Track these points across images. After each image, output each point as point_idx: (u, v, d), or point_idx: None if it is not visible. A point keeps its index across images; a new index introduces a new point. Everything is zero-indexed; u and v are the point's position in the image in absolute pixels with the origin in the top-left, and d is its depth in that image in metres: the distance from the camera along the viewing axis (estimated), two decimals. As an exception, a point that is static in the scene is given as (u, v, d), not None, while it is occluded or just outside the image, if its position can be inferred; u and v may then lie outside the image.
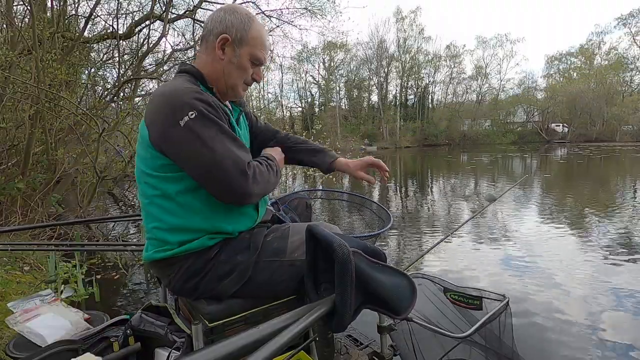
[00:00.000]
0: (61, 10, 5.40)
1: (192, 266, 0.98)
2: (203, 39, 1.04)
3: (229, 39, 0.99)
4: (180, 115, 0.87)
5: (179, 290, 1.02)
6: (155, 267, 1.04)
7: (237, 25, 0.99)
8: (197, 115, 0.87)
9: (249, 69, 1.04)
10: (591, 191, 8.08)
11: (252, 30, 1.00)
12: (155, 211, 0.97)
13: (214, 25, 1.00)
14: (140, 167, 0.98)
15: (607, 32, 47.83)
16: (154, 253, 1.00)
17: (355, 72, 36.44)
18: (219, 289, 0.99)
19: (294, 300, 1.10)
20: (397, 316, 0.72)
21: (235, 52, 1.01)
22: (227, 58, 1.01)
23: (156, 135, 0.91)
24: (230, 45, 1.00)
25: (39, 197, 4.31)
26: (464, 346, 1.55)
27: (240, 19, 1.00)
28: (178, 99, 0.89)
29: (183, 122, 0.86)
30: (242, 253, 0.99)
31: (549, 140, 34.23)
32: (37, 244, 3.01)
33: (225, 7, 1.03)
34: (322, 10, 8.77)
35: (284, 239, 1.03)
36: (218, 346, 0.45)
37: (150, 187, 0.97)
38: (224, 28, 0.99)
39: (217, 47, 0.99)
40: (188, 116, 0.86)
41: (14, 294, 2.39)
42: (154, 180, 0.95)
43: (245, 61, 1.02)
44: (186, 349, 1.01)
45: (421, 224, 5.54)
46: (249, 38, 1.00)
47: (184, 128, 0.86)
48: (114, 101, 5.98)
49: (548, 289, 2.97)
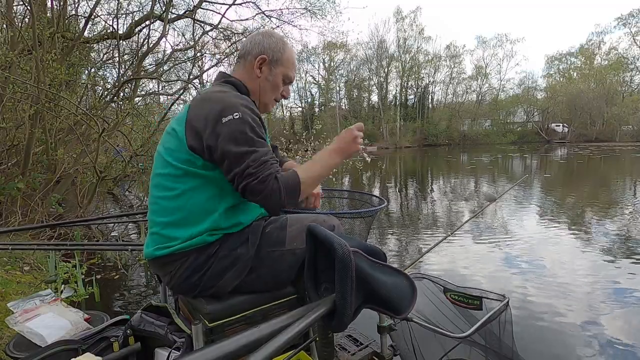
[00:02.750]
0: (61, 10, 5.40)
1: (193, 263, 0.99)
2: (241, 58, 1.16)
3: (267, 59, 1.12)
4: (226, 114, 0.95)
5: (179, 287, 1.03)
6: (156, 264, 1.05)
7: (273, 48, 1.13)
8: (240, 116, 0.95)
9: (280, 87, 1.17)
10: (591, 191, 8.08)
11: (285, 53, 1.15)
12: (165, 205, 1.00)
13: (253, 46, 1.13)
14: (161, 159, 1.02)
15: (607, 32, 47.97)
16: (154, 250, 1.01)
17: (355, 72, 36.45)
18: (220, 284, 1.00)
19: (294, 300, 1.10)
20: (398, 316, 0.72)
21: (271, 72, 1.14)
22: (263, 76, 1.14)
23: (195, 131, 0.96)
24: (267, 65, 1.13)
25: (39, 197, 4.31)
26: (464, 346, 1.55)
27: (276, 43, 1.14)
28: (227, 101, 0.98)
29: (226, 119, 0.95)
30: (242, 247, 1.01)
31: (549, 140, 34.23)
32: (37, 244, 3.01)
33: (262, 32, 1.17)
34: (322, 10, 8.78)
35: (282, 229, 1.05)
36: (218, 346, 0.45)
37: (167, 179, 1.00)
38: (262, 50, 1.12)
39: (256, 66, 1.12)
40: (232, 116, 0.95)
41: (14, 294, 2.39)
42: (173, 172, 0.99)
43: (279, 80, 1.16)
44: (186, 349, 1.01)
45: (421, 224, 5.54)
46: (284, 59, 1.14)
47: (225, 125, 0.94)
48: (114, 101, 5.98)
49: (548, 288, 2.97)
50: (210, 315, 0.97)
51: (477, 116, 36.78)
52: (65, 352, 1.08)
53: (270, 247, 1.03)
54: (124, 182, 7.03)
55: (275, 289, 1.07)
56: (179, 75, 8.75)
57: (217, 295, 1.03)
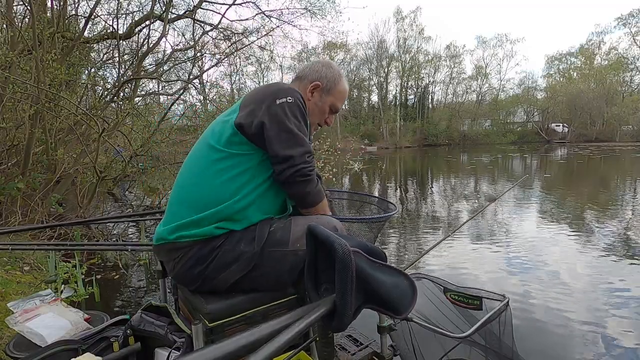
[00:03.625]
0: (61, 10, 5.40)
1: (197, 253, 1.01)
2: (297, 79, 1.27)
3: (320, 86, 1.23)
4: (280, 97, 1.05)
5: (181, 277, 1.05)
6: (163, 249, 1.07)
7: (329, 78, 1.23)
8: (292, 101, 1.05)
9: (326, 114, 1.27)
10: (591, 191, 8.08)
11: (339, 85, 1.25)
12: (194, 182, 1.05)
13: (311, 72, 1.24)
14: (204, 142, 1.09)
15: (607, 32, 48.00)
16: (165, 230, 1.04)
17: (355, 72, 36.40)
18: (222, 277, 1.01)
19: (294, 300, 1.10)
20: (398, 316, 0.71)
21: (321, 98, 1.24)
22: (313, 100, 1.23)
23: (250, 110, 1.04)
24: (319, 91, 1.23)
25: (39, 197, 4.30)
26: (464, 346, 1.55)
27: (332, 74, 1.24)
28: (283, 86, 1.09)
29: (280, 101, 1.04)
30: (246, 243, 1.03)
31: (549, 140, 34.22)
32: (37, 244, 3.01)
33: (323, 62, 1.28)
34: (322, 10, 8.76)
35: (286, 229, 1.06)
36: (218, 346, 0.45)
37: (205, 162, 1.06)
38: (319, 77, 1.23)
39: (309, 90, 1.23)
40: (285, 99, 1.04)
41: (14, 294, 2.38)
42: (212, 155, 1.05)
43: (326, 107, 1.25)
44: (186, 349, 1.01)
45: (421, 223, 5.54)
46: (335, 91, 1.25)
47: (278, 106, 1.03)
48: (114, 101, 5.97)
49: (548, 288, 2.97)
50: (210, 315, 0.97)
51: (477, 116, 36.77)
52: (65, 352, 1.08)
53: (274, 246, 1.03)
54: (124, 182, 7.02)
55: (276, 289, 1.08)
56: (179, 75, 8.74)
57: (218, 289, 1.04)
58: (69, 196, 5.48)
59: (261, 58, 12.87)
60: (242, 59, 9.72)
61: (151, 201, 6.45)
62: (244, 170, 1.04)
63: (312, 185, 1.07)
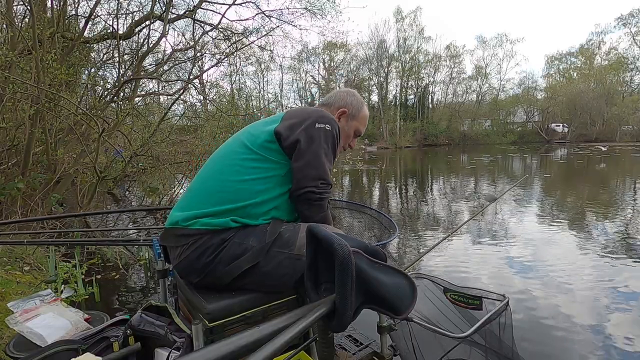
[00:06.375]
0: (61, 10, 5.39)
1: (206, 242, 1.03)
2: (324, 105, 1.38)
3: (347, 112, 1.35)
4: (320, 122, 1.14)
5: (185, 267, 1.06)
6: (173, 234, 1.08)
7: (354, 105, 1.36)
8: (330, 130, 1.15)
9: (351, 138, 1.40)
10: (591, 191, 8.08)
11: (362, 111, 1.39)
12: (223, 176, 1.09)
13: (338, 99, 1.37)
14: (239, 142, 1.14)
15: (607, 32, 47.72)
16: (181, 215, 1.07)
17: (356, 72, 36.41)
18: (226, 270, 1.02)
19: (293, 300, 1.10)
20: (398, 316, 0.71)
21: (347, 123, 1.36)
22: (340, 125, 1.30)
23: (291, 124, 1.12)
24: (345, 117, 1.35)
25: (39, 197, 4.30)
26: (464, 346, 1.55)
27: (357, 101, 1.37)
28: (325, 114, 1.19)
29: (319, 125, 1.13)
30: (255, 239, 1.04)
31: (549, 140, 34.22)
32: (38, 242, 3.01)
33: (347, 90, 1.41)
34: (322, 10, 8.74)
35: (294, 233, 1.07)
36: (218, 346, 0.45)
37: (238, 158, 1.10)
38: (345, 104, 1.36)
39: (337, 116, 1.33)
40: (324, 126, 1.14)
41: (14, 294, 2.38)
42: (245, 154, 1.10)
43: (352, 131, 1.38)
44: (186, 349, 1.00)
45: (421, 224, 5.54)
46: (360, 117, 1.38)
47: (317, 129, 1.12)
48: (114, 101, 5.97)
49: (548, 288, 2.97)
50: (210, 315, 0.97)
51: (477, 116, 36.77)
52: (65, 352, 1.08)
53: (280, 247, 1.04)
54: (124, 182, 7.02)
55: (276, 291, 1.08)
56: (179, 75, 8.72)
57: (220, 283, 1.04)
58: (69, 196, 5.48)
59: (261, 58, 12.86)
60: (242, 59, 9.73)
61: (151, 201, 6.45)
62: (271, 177, 1.10)
63: (316, 211, 1.12)
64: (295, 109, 1.22)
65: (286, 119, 1.15)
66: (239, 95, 17.15)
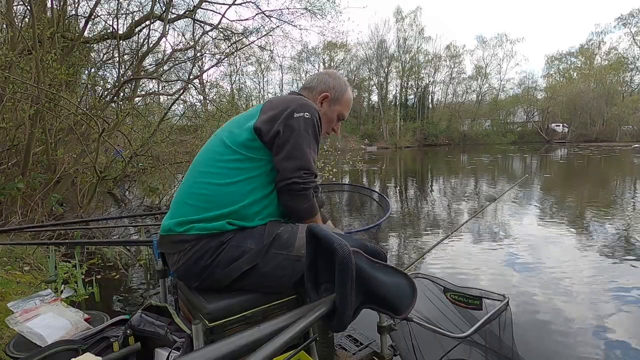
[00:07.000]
0: (61, 10, 5.39)
1: (204, 246, 1.02)
2: (305, 89, 1.33)
3: (329, 96, 1.29)
4: (299, 111, 1.10)
5: (184, 271, 1.05)
6: (169, 241, 1.07)
7: (336, 88, 1.30)
8: (309, 118, 1.10)
9: (334, 122, 1.34)
10: (591, 191, 8.08)
11: (345, 95, 1.32)
12: (210, 180, 1.07)
13: (319, 83, 1.30)
14: (220, 141, 1.12)
15: (607, 32, 47.82)
16: (174, 223, 1.05)
17: (355, 72, 36.40)
18: (225, 273, 1.02)
19: (293, 300, 1.10)
20: (398, 316, 0.72)
21: (330, 107, 1.30)
22: (323, 110, 1.28)
23: (270, 116, 1.08)
24: (328, 101, 1.30)
25: (39, 197, 4.30)
26: (464, 346, 1.55)
27: (339, 84, 1.31)
28: (305, 103, 1.14)
29: (298, 114, 1.09)
30: (253, 241, 1.04)
31: (549, 140, 34.21)
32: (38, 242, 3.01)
33: (328, 72, 1.34)
34: (322, 10, 8.73)
35: (293, 234, 1.07)
36: (218, 345, 0.45)
37: (221, 159, 1.08)
38: (327, 87, 1.30)
39: (318, 100, 1.28)
40: (303, 114, 1.09)
41: (14, 294, 2.38)
42: (228, 155, 1.08)
43: (335, 116, 1.32)
44: (186, 349, 1.00)
45: (421, 224, 5.53)
46: (343, 100, 1.32)
47: (296, 119, 1.08)
48: (114, 101, 5.96)
49: (548, 288, 2.97)
50: (210, 315, 0.97)
51: (477, 116, 36.77)
52: (65, 352, 1.08)
53: (278, 248, 1.04)
54: (124, 182, 7.02)
55: (276, 292, 1.08)
56: (179, 75, 8.72)
57: (219, 287, 1.04)
58: (69, 196, 5.47)
59: (261, 58, 12.87)
60: (242, 59, 9.72)
61: (151, 201, 6.45)
62: (258, 175, 1.07)
63: (301, 201, 1.09)
64: (273, 99, 1.18)
65: (264, 111, 1.11)
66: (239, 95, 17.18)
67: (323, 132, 1.29)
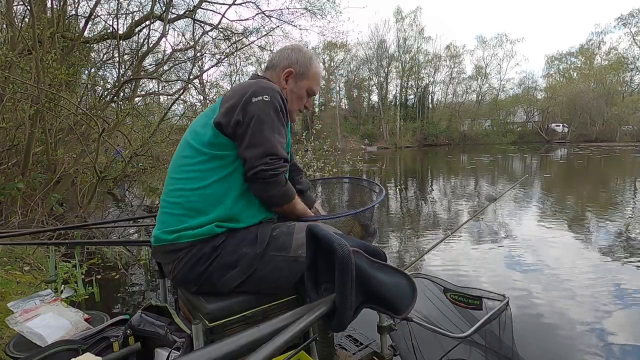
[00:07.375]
0: (61, 10, 5.39)
1: (197, 253, 1.00)
2: (269, 69, 1.24)
3: (293, 72, 1.19)
4: (257, 95, 1.03)
5: (181, 279, 1.04)
6: (161, 251, 1.06)
7: (301, 62, 1.20)
8: (269, 100, 1.02)
9: (304, 99, 1.24)
10: (591, 191, 8.08)
11: (312, 68, 1.22)
12: (179, 187, 1.04)
13: (281, 59, 1.21)
14: (185, 144, 1.08)
15: (607, 32, 47.76)
16: (163, 233, 1.03)
17: (355, 72, 36.45)
18: (222, 281, 1.00)
19: (293, 300, 1.10)
20: (398, 316, 0.72)
21: (296, 84, 1.21)
22: (289, 87, 1.20)
23: (228, 108, 1.02)
24: (293, 78, 1.20)
25: (39, 197, 4.30)
26: (464, 346, 1.55)
27: (304, 57, 1.21)
28: (260, 84, 1.06)
29: (256, 99, 1.02)
30: (248, 245, 1.02)
31: (549, 140, 34.21)
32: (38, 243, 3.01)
33: (292, 46, 1.24)
34: (322, 10, 8.74)
35: (289, 235, 1.05)
36: (218, 345, 0.45)
37: (185, 162, 1.05)
38: (290, 63, 1.20)
39: (282, 78, 1.19)
40: (262, 98, 1.02)
41: (14, 294, 2.38)
42: (192, 154, 1.04)
43: (303, 92, 1.22)
44: (186, 349, 1.00)
45: (421, 224, 5.54)
46: (309, 74, 1.21)
47: (254, 104, 1.02)
48: (114, 101, 5.96)
49: (548, 288, 2.97)
50: (210, 315, 0.97)
51: (477, 116, 36.78)
52: (65, 352, 1.08)
53: (276, 251, 1.03)
54: (124, 182, 7.02)
55: (276, 293, 1.08)
56: (179, 75, 8.73)
57: (218, 292, 1.03)
58: (69, 196, 5.47)
59: (261, 58, 12.84)
60: (242, 59, 9.73)
61: (151, 201, 6.45)
62: (231, 172, 1.03)
63: (273, 188, 1.03)
64: (232, 88, 1.12)
65: (224, 102, 1.06)
66: (238, 95, 17.10)
67: (294, 111, 1.22)
